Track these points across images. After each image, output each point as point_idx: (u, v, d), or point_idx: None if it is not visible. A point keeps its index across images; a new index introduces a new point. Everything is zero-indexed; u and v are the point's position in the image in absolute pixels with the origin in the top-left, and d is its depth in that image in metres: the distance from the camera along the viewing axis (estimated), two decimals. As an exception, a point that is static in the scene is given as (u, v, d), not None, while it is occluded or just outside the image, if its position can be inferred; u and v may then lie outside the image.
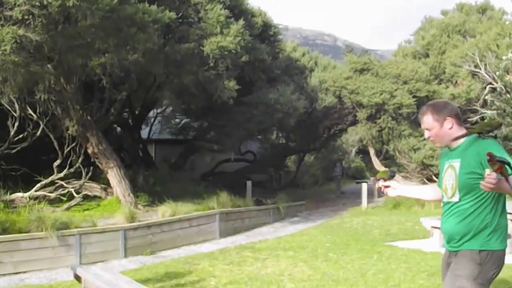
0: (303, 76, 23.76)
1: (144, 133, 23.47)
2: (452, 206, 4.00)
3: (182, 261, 10.85)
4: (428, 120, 4.11)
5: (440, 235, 11.69)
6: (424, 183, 22.45)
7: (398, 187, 4.51)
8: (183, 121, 24.71)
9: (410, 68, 23.87)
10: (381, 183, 4.47)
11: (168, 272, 9.57)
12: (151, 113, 23.82)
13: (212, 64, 14.57)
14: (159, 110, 24.52)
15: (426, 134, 4.18)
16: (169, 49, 13.92)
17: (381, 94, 22.75)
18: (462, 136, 4.04)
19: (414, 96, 22.82)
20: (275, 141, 30.02)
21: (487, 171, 3.51)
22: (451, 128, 4.04)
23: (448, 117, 4.04)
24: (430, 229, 12.02)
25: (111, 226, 12.23)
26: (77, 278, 6.76)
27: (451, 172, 4.00)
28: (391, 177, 4.41)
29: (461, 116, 4.13)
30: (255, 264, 10.24)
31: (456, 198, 3.94)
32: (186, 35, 14.61)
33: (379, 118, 23.77)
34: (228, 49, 14.50)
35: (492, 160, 3.52)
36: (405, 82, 23.46)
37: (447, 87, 25.02)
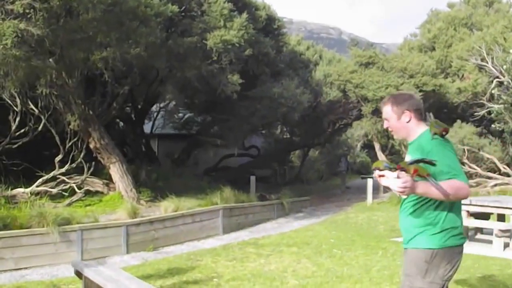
0: (308, 70, 23.70)
1: (147, 128, 23.45)
2: (403, 202, 4.10)
3: (184, 257, 10.88)
4: (387, 110, 4.14)
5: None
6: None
7: (390, 176, 4.53)
8: (186, 116, 24.68)
9: (416, 61, 23.79)
10: (376, 173, 4.40)
11: (171, 269, 9.58)
12: (154, 108, 23.80)
13: (215, 58, 14.55)
14: (162, 105, 24.52)
15: (385, 124, 4.22)
16: (171, 43, 13.91)
17: (386, 88, 22.66)
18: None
19: (420, 90, 22.73)
20: (279, 135, 29.95)
21: (393, 173, 3.65)
22: (408, 121, 4.05)
23: (406, 111, 4.05)
24: (435, 225, 11.94)
25: (113, 222, 12.26)
26: (78, 274, 6.76)
27: None
28: (386, 167, 4.44)
29: (423, 111, 4.15)
30: (258, 260, 10.26)
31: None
32: (189, 28, 14.60)
33: (385, 112, 23.67)
34: (232, 43, 14.49)
35: (403, 169, 3.64)
36: (411, 76, 23.39)
37: (454, 80, 25.02)
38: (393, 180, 3.59)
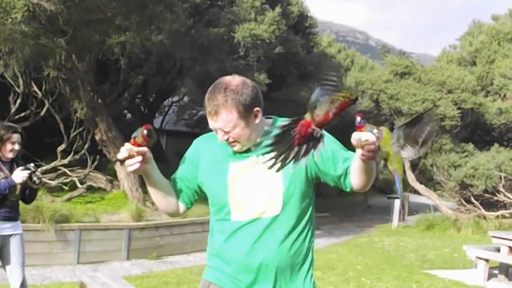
0: (338, 75, 23.39)
1: (156, 122, 23.15)
2: (261, 224, 2.92)
3: (194, 271, 10.45)
4: (231, 118, 2.87)
5: (486, 268, 11.29)
6: (461, 204, 21.99)
7: (152, 162, 3.03)
8: (200, 113, 24.30)
9: (456, 76, 23.38)
10: (126, 149, 2.86)
11: (180, 284, 9.19)
12: (165, 102, 23.51)
13: (242, 53, 14.28)
14: (174, 99, 24.18)
15: (223, 136, 2.93)
16: (195, 32, 13.63)
17: (423, 102, 22.23)
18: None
19: (458, 108, 22.32)
20: (298, 143, 29.67)
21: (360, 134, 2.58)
22: (257, 120, 2.97)
23: (258, 107, 2.94)
24: (474, 259, 11.61)
25: (116, 224, 12.01)
26: (82, 286, 6.43)
27: (260, 172, 2.91)
28: (149, 138, 2.98)
29: None
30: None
31: (273, 212, 2.92)
32: (216, 18, 14.37)
33: (419, 128, 23.29)
34: (262, 38, 14.21)
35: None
36: (449, 91, 22.95)
37: (494, 100, 24.62)
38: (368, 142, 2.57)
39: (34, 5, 10.22)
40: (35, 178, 5.65)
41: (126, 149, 2.84)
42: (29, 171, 5.57)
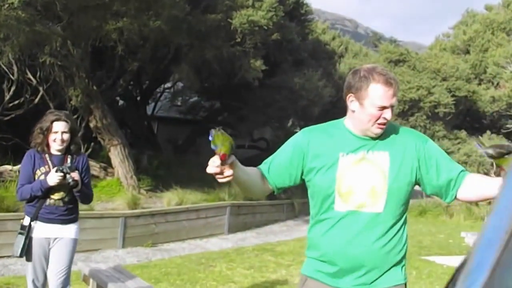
0: (332, 61, 23.27)
1: (149, 109, 22.94)
2: (362, 218, 2.91)
3: (194, 260, 10.37)
4: (395, 93, 2.95)
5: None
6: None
7: (237, 166, 2.96)
8: (192, 99, 24.09)
9: (451, 64, 23.40)
10: (216, 166, 2.77)
11: (181, 274, 9.07)
12: (158, 88, 23.27)
13: (239, 40, 14.10)
14: (167, 85, 23.94)
15: (388, 114, 2.92)
16: (192, 19, 13.42)
17: (417, 89, 22.28)
18: None
19: (453, 95, 22.32)
20: (290, 129, 29.46)
21: None
22: None
23: None
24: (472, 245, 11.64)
25: (111, 212, 11.87)
26: (85, 279, 6.32)
27: (368, 168, 2.93)
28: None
29: None
30: (279, 271, 9.78)
31: (377, 208, 2.89)
32: (213, 4, 14.14)
33: (412, 115, 23.32)
34: (259, 25, 14.02)
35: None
36: (444, 79, 23.00)
37: (488, 88, 24.63)
38: None
39: (31, -10, 10.09)
40: (69, 180, 4.97)
41: (215, 166, 2.78)
42: (61, 173, 4.94)
